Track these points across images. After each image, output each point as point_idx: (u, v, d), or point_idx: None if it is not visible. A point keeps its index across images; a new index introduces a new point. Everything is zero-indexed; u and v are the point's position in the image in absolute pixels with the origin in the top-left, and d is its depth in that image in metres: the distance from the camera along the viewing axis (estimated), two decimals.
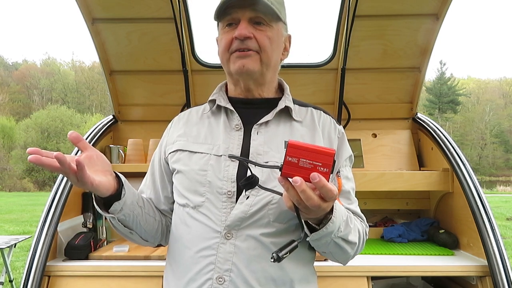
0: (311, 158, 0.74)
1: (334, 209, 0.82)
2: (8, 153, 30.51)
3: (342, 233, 0.88)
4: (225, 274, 0.93)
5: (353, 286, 1.67)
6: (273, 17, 1.01)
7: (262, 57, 1.01)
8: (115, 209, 0.93)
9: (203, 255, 0.96)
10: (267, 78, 1.06)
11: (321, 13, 2.58)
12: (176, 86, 2.34)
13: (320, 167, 0.74)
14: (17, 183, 27.37)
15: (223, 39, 1.02)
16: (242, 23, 0.99)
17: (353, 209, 1.04)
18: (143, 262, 1.74)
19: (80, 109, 40.33)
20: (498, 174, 37.20)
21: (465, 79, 53.67)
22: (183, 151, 1.05)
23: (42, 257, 1.67)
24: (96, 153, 0.90)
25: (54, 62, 48.79)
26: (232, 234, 0.95)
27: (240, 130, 1.04)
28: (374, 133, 2.44)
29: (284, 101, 1.07)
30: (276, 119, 1.05)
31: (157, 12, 2.08)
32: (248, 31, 0.98)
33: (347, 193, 1.05)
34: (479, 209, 1.78)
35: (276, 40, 1.03)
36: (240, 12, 0.99)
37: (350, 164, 1.12)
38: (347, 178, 1.07)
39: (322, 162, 0.74)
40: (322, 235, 0.84)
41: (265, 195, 0.96)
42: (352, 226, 0.92)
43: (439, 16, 2.07)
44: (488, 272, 1.68)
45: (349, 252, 0.95)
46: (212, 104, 1.10)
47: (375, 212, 2.42)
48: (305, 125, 1.06)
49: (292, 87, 1.14)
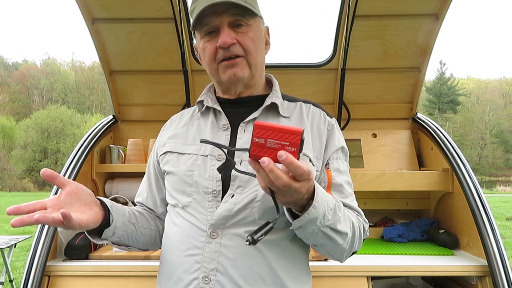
0: (278, 138, 0.73)
1: (316, 194, 0.79)
2: (8, 153, 30.53)
3: (329, 222, 0.84)
4: (211, 274, 0.93)
5: (353, 286, 1.67)
6: (250, 16, 1.01)
7: (249, 60, 1.01)
8: (107, 235, 0.95)
9: (189, 254, 0.96)
10: (256, 78, 1.07)
11: (321, 13, 2.58)
12: (176, 86, 2.34)
13: (288, 147, 0.73)
14: (17, 183, 27.38)
15: (206, 50, 1.02)
16: (222, 30, 0.98)
17: (347, 203, 1.00)
18: (143, 262, 1.74)
19: (80, 109, 40.35)
20: (498, 174, 37.22)
21: (465, 79, 53.72)
22: (172, 152, 1.07)
23: (42, 257, 1.67)
24: (75, 186, 0.88)
25: (54, 62, 48.83)
26: (218, 233, 0.94)
27: (227, 130, 1.04)
28: (374, 133, 2.44)
29: (271, 97, 1.06)
30: (264, 116, 1.05)
31: (157, 12, 2.08)
32: (231, 38, 0.97)
33: (339, 186, 1.02)
34: (479, 209, 1.78)
35: (258, 38, 1.03)
36: (217, 19, 0.98)
37: (344, 156, 1.08)
38: (338, 170, 1.03)
39: (290, 141, 0.73)
40: (304, 221, 0.80)
41: (249, 193, 0.95)
42: (340, 215, 0.88)
43: (439, 16, 2.07)
44: (488, 272, 1.68)
45: (341, 243, 0.90)
46: (200, 106, 1.11)
47: (375, 212, 2.42)
48: (293, 121, 1.05)
49: (292, 87, 1.14)
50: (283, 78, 2.43)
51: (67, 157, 2.05)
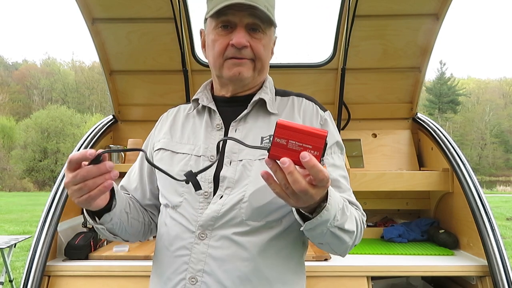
0: (301, 140, 0.69)
1: (329, 196, 0.76)
2: (8, 153, 30.52)
3: (338, 222, 0.82)
4: (198, 275, 0.93)
5: (353, 286, 1.67)
6: (267, 24, 1.01)
7: (256, 65, 1.01)
8: (105, 220, 0.93)
9: (178, 254, 0.96)
10: (256, 82, 1.07)
11: (321, 13, 2.58)
12: (176, 86, 2.34)
13: (311, 150, 0.69)
14: (17, 183, 27.39)
15: (217, 43, 1.00)
16: (239, 30, 0.98)
17: (346, 197, 0.98)
18: (143, 262, 1.74)
19: (80, 109, 40.34)
20: (498, 174, 37.21)
21: (465, 79, 53.70)
22: (165, 150, 1.06)
23: (42, 257, 1.67)
24: None
25: (54, 62, 48.82)
26: (206, 235, 0.94)
27: (221, 130, 1.03)
28: (374, 133, 2.44)
29: (260, 93, 1.05)
30: (255, 114, 1.04)
31: (157, 12, 2.08)
32: (246, 40, 0.97)
33: (335, 181, 0.99)
34: (479, 209, 1.78)
35: (268, 46, 1.04)
36: (238, 16, 0.97)
37: (340, 151, 1.06)
38: (334, 165, 1.01)
39: (313, 145, 0.69)
40: (316, 224, 0.78)
41: (236, 194, 0.94)
42: (348, 214, 0.86)
43: (439, 16, 2.07)
44: (488, 272, 1.68)
45: (347, 241, 0.88)
46: (196, 104, 1.10)
47: (375, 212, 2.42)
48: (283, 117, 1.03)
49: (292, 87, 1.14)
50: (283, 78, 2.45)
51: (67, 157, 2.05)
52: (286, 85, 1.17)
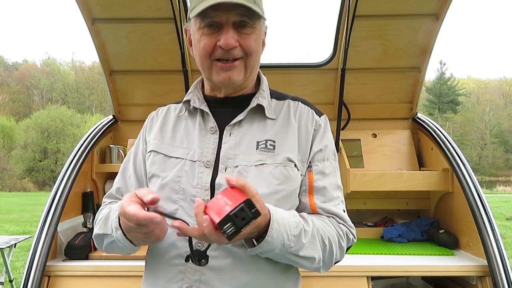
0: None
1: (270, 229, 0.80)
2: (8, 153, 30.52)
3: (292, 249, 0.85)
4: (194, 285, 0.91)
5: (353, 286, 1.67)
6: (256, 18, 0.95)
7: (247, 63, 0.97)
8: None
9: (173, 263, 0.94)
10: (249, 80, 1.03)
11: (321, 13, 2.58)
12: (176, 86, 2.34)
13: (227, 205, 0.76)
14: (17, 183, 27.38)
15: (203, 43, 0.95)
16: (227, 30, 0.92)
17: (329, 208, 0.97)
18: (143, 262, 1.72)
19: (80, 109, 40.31)
20: (498, 174, 37.21)
21: (465, 79, 53.67)
22: (157, 153, 1.02)
23: (42, 257, 1.67)
24: None
25: (54, 62, 48.79)
26: (203, 244, 0.91)
27: (215, 133, 1.00)
28: (374, 133, 2.44)
29: (257, 98, 1.01)
30: (250, 118, 1.01)
31: (157, 12, 2.08)
32: (235, 40, 0.92)
33: (321, 190, 0.98)
34: (479, 209, 1.78)
35: (259, 39, 0.99)
36: (223, 16, 0.92)
37: (333, 157, 1.03)
38: (322, 173, 0.99)
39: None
40: (259, 251, 0.82)
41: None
42: (305, 241, 0.86)
43: (439, 16, 2.07)
44: (488, 272, 1.68)
45: (307, 266, 0.90)
46: (187, 105, 1.06)
47: (375, 212, 2.42)
48: (279, 122, 1.01)
49: (292, 87, 1.13)
50: (283, 78, 2.45)
51: (67, 157, 2.05)
52: (286, 85, 1.17)
